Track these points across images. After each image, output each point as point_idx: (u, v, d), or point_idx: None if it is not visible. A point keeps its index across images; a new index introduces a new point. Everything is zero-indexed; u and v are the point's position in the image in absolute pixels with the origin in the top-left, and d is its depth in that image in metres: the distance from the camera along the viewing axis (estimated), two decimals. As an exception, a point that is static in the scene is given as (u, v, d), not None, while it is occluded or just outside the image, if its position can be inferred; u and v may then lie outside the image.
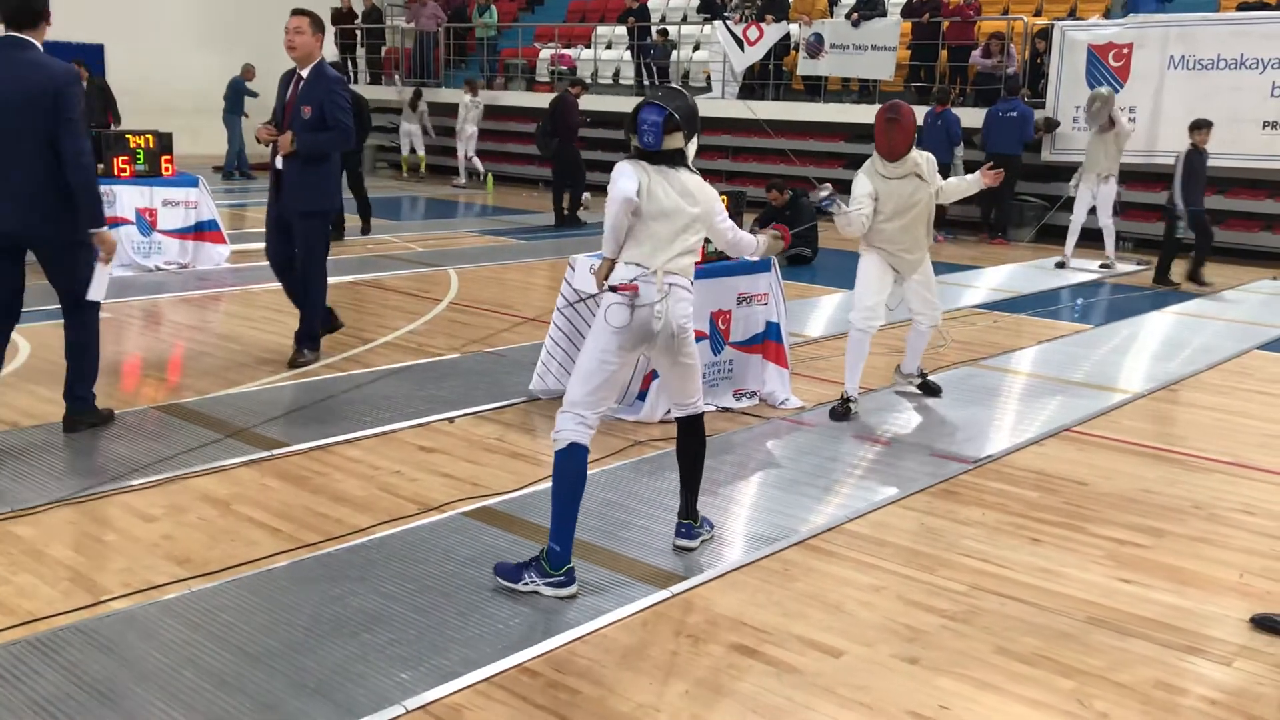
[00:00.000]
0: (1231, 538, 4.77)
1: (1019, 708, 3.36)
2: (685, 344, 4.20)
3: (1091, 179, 12.30)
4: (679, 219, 4.12)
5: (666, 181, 4.11)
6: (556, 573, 3.93)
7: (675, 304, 4.09)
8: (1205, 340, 8.85)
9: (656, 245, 4.10)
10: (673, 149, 4.11)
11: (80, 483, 4.86)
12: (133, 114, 18.37)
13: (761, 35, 17.07)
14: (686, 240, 4.16)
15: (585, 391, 4.03)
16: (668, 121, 4.04)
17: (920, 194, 6.21)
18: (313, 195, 6.82)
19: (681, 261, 4.15)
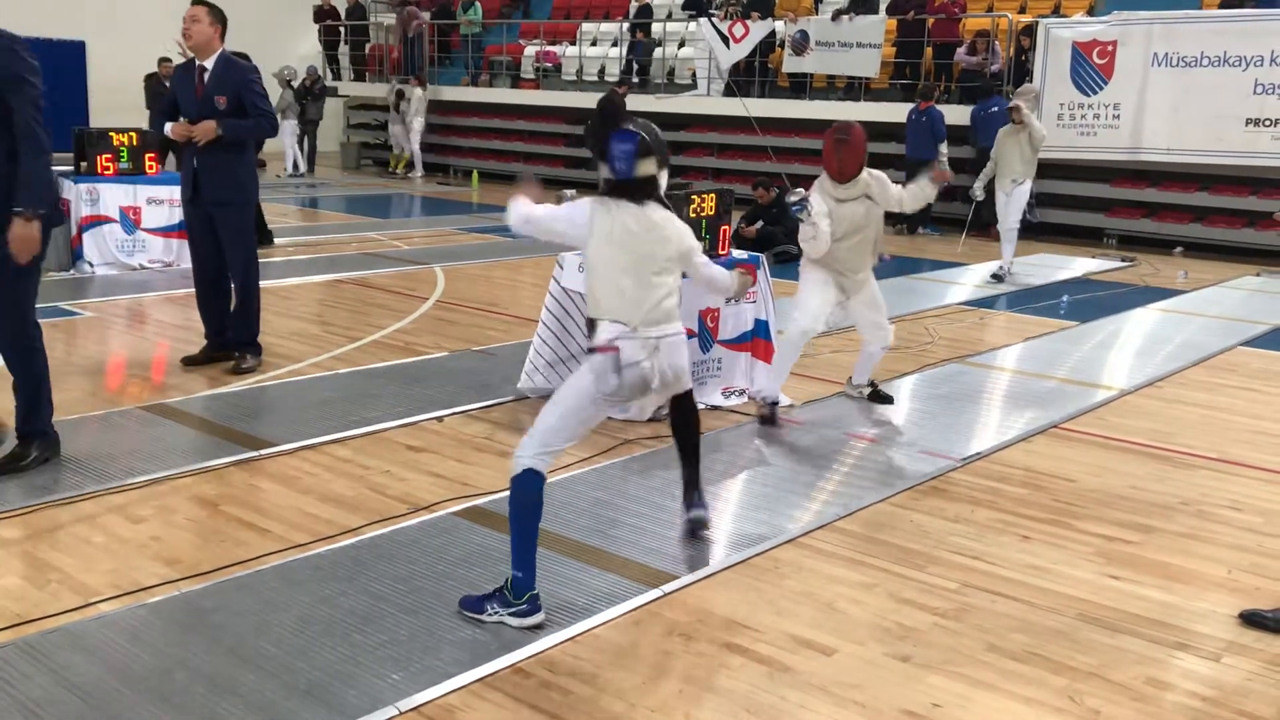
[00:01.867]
0: (1219, 534, 4.79)
1: (1011, 705, 3.37)
2: (684, 384, 4.21)
3: (1006, 183, 11.20)
4: (650, 264, 3.91)
5: (633, 221, 3.89)
6: (519, 601, 3.71)
7: (670, 354, 3.97)
8: (1190, 336, 8.89)
9: (633, 299, 3.87)
10: (644, 176, 3.91)
11: (67, 483, 4.83)
12: (115, 111, 18.22)
13: (747, 32, 17.07)
14: (664, 283, 3.95)
15: (557, 426, 3.82)
16: (640, 146, 3.88)
17: (871, 216, 6.06)
18: (234, 184, 6.67)
19: (664, 308, 3.93)
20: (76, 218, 9.79)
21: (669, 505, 4.87)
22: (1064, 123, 14.58)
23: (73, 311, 8.40)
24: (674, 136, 18.15)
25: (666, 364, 3.95)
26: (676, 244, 4.02)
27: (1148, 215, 14.59)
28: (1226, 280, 11.95)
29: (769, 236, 11.79)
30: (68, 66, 22.03)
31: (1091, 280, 11.84)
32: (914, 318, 9.28)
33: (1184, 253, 14.01)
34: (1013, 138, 11.07)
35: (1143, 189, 14.70)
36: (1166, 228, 14.39)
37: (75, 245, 9.82)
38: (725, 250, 6.53)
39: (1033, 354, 8.14)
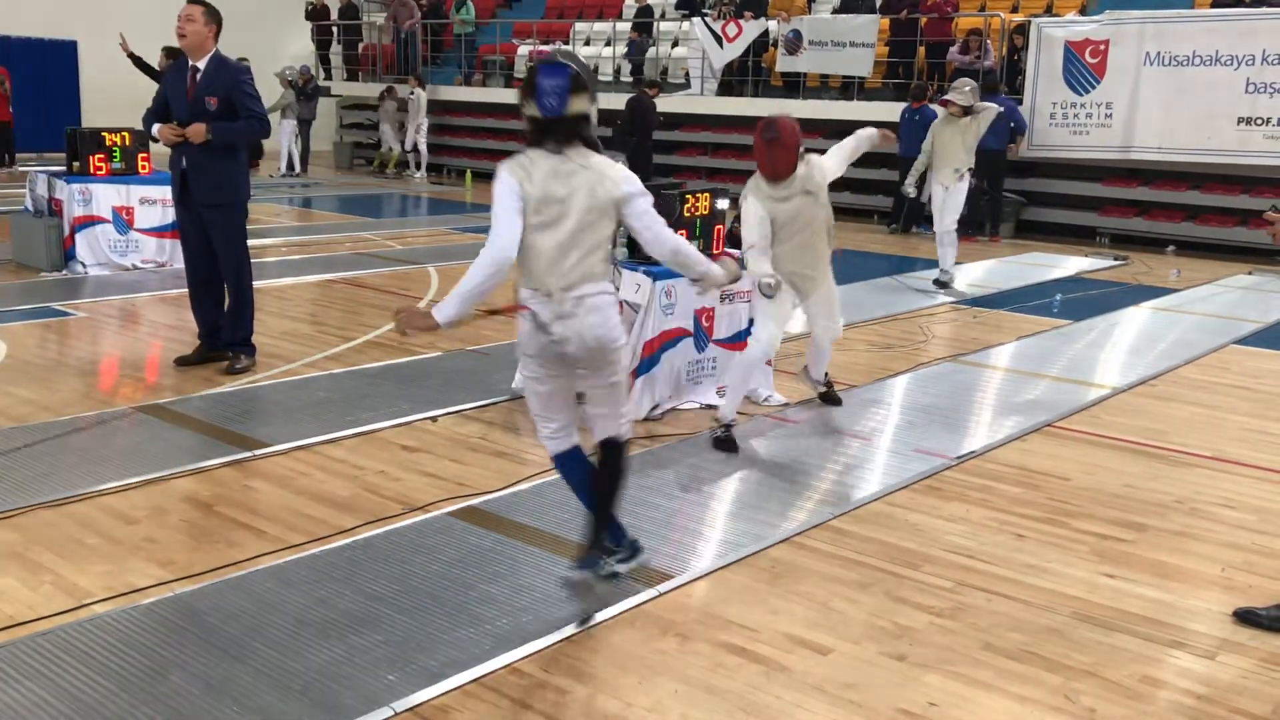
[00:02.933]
0: (1213, 532, 4.80)
1: (1007, 704, 3.37)
2: (611, 361, 3.73)
3: (945, 175, 10.48)
4: (571, 216, 3.57)
5: (554, 169, 3.58)
6: (620, 548, 3.99)
7: (587, 316, 3.60)
8: (1182, 335, 8.91)
9: (549, 261, 3.58)
10: (577, 115, 3.57)
11: (61, 485, 4.81)
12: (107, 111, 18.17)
13: (740, 32, 17.09)
14: (590, 241, 3.61)
15: (537, 409, 3.90)
16: (573, 81, 3.54)
17: (813, 210, 5.75)
18: (225, 186, 6.63)
19: (585, 267, 3.60)
20: (69, 218, 9.77)
21: (664, 505, 4.87)
22: (1056, 122, 14.61)
23: (65, 312, 8.38)
24: (668, 136, 18.15)
25: (585, 328, 3.61)
26: (609, 190, 3.62)
27: (1140, 214, 14.63)
28: (1219, 279, 11.98)
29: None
30: (59, 66, 22.02)
31: (1084, 279, 11.87)
32: (908, 317, 9.29)
33: (1176, 251, 14.04)
34: (951, 127, 10.42)
35: (1135, 188, 14.73)
36: (1159, 226, 14.43)
37: (68, 246, 9.79)
38: (719, 250, 6.52)
39: (1026, 353, 8.15)
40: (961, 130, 10.34)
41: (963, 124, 10.33)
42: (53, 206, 10.00)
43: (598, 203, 3.60)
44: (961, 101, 10.29)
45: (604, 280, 3.69)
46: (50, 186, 10.08)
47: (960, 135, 10.34)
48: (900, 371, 7.38)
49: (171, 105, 6.65)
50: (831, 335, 6.24)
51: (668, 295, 6.05)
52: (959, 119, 10.32)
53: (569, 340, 3.61)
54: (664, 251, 3.79)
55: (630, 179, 3.68)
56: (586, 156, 3.63)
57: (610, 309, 3.69)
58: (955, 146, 10.38)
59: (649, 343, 6.00)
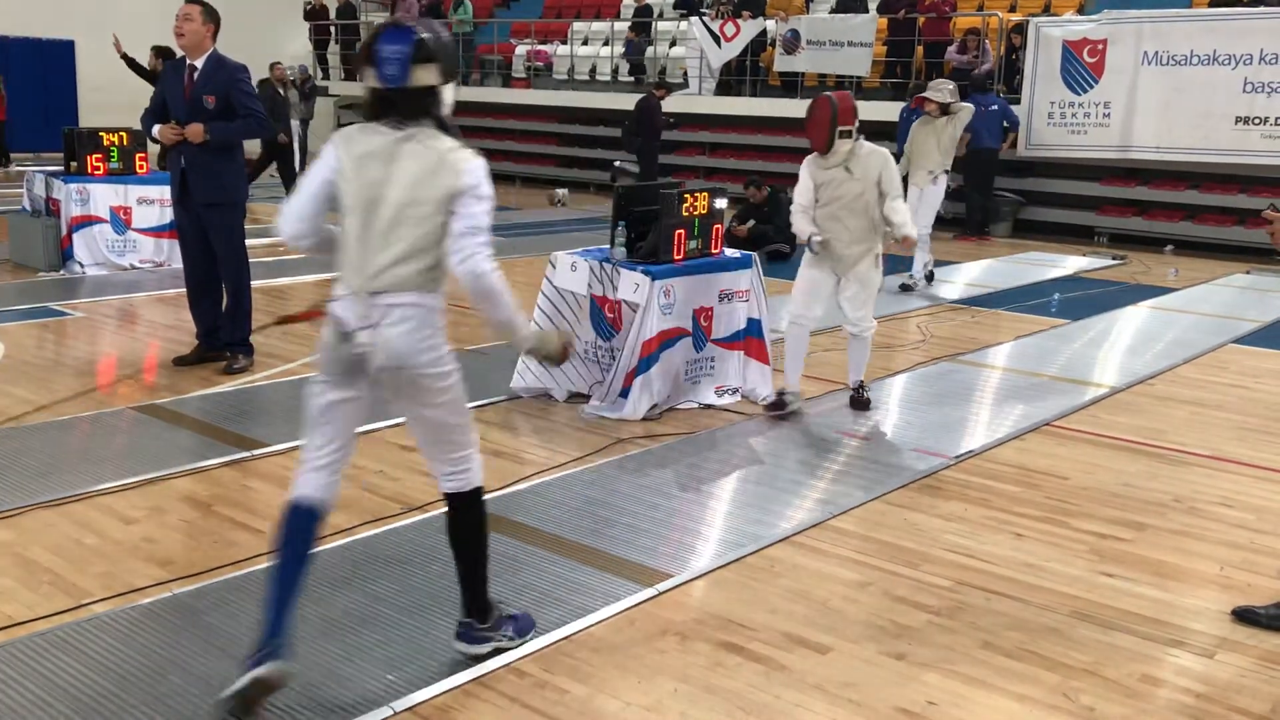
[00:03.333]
0: (1211, 531, 4.81)
1: (1006, 703, 3.38)
2: (424, 388, 3.14)
3: (921, 176, 10.20)
4: (387, 210, 3.06)
5: (382, 148, 3.09)
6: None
7: (392, 330, 3.05)
8: (1181, 334, 8.92)
9: (356, 254, 3.10)
10: (420, 87, 3.08)
11: (59, 485, 4.81)
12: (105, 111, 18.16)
13: (738, 31, 17.08)
14: (408, 239, 3.05)
15: (306, 435, 3.24)
16: (417, 47, 3.05)
17: (847, 188, 6.01)
18: (223, 185, 6.63)
19: (399, 273, 3.05)
20: (66, 218, 9.75)
21: (662, 504, 4.87)
22: (1054, 121, 14.61)
23: (63, 312, 8.37)
24: (666, 135, 18.14)
25: (387, 340, 3.06)
26: (447, 180, 3.06)
27: (1138, 213, 14.64)
28: (1217, 278, 11.99)
29: (761, 235, 11.79)
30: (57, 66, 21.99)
31: (1082, 278, 11.87)
32: (906, 316, 9.30)
33: (1174, 250, 14.05)
34: (928, 128, 10.24)
35: (1133, 187, 14.74)
36: (1157, 226, 14.43)
37: (65, 245, 9.77)
38: (718, 249, 6.53)
39: (1024, 352, 8.15)
40: (937, 131, 10.18)
41: (939, 124, 10.18)
42: (50, 206, 9.99)
43: (427, 194, 3.06)
44: (939, 100, 10.11)
45: (428, 293, 3.11)
46: (48, 186, 10.07)
47: (936, 136, 10.17)
48: (899, 371, 7.38)
49: (169, 105, 6.64)
50: (857, 328, 6.31)
51: (666, 295, 6.05)
52: (936, 119, 10.17)
53: (373, 352, 3.07)
54: (465, 273, 3.05)
55: (476, 171, 3.10)
56: (432, 139, 3.11)
57: (425, 326, 3.09)
58: (930, 147, 10.19)
59: (647, 342, 6.00)
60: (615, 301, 6.17)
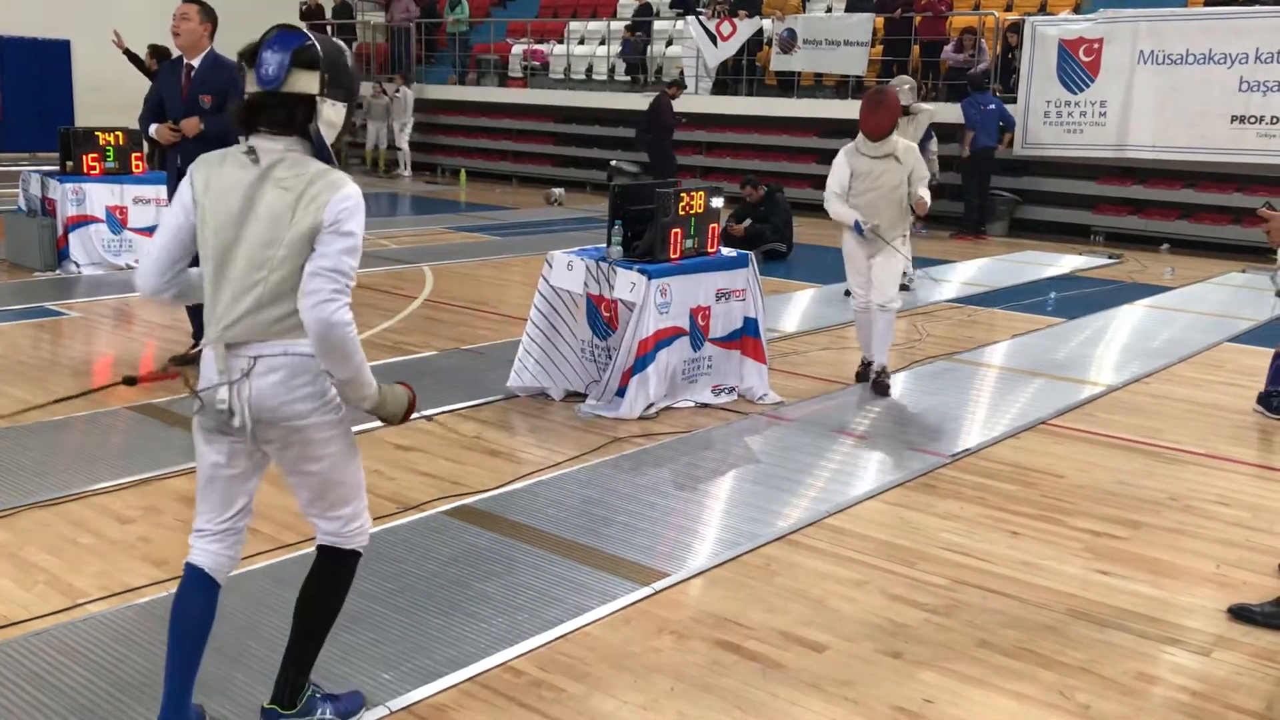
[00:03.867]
0: (1207, 529, 4.81)
1: (1002, 701, 3.38)
2: (302, 442, 2.78)
3: None
4: (245, 250, 2.70)
5: (245, 178, 2.73)
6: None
7: (258, 381, 2.71)
8: (1176, 333, 8.93)
9: (212, 301, 2.75)
10: (297, 94, 2.71)
11: (55, 484, 4.80)
12: (101, 111, 18.16)
13: (734, 31, 17.08)
14: (268, 281, 2.67)
15: (197, 493, 2.94)
16: (299, 53, 2.69)
17: (889, 176, 6.49)
18: None
19: (258, 321, 2.69)
20: (62, 217, 9.74)
21: (659, 503, 4.87)
22: (1051, 120, 14.62)
23: (59, 312, 8.36)
24: (662, 134, 18.15)
25: (257, 394, 2.71)
26: (313, 217, 2.65)
27: (1134, 212, 14.64)
28: (1213, 276, 12.00)
29: (757, 234, 11.79)
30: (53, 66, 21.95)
31: (1079, 277, 11.88)
32: (902, 315, 9.28)
33: (1170, 249, 14.05)
34: None
35: (1129, 186, 14.75)
36: (1153, 224, 14.44)
37: (61, 245, 9.77)
38: (714, 248, 6.53)
39: (1020, 351, 8.16)
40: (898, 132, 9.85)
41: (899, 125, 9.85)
42: (46, 206, 9.98)
43: (286, 233, 2.67)
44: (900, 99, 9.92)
45: (298, 339, 2.71)
46: (43, 186, 10.06)
47: None
48: (895, 370, 7.38)
49: (166, 104, 6.63)
50: (880, 301, 6.65)
51: (663, 294, 6.05)
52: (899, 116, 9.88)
53: (234, 413, 2.73)
54: (313, 320, 2.62)
55: (341, 202, 2.68)
56: (299, 166, 2.72)
57: (298, 374, 2.73)
58: None
59: (644, 341, 6.00)
60: (612, 300, 6.17)
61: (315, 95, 2.73)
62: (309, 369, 2.74)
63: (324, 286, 2.63)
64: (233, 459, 2.84)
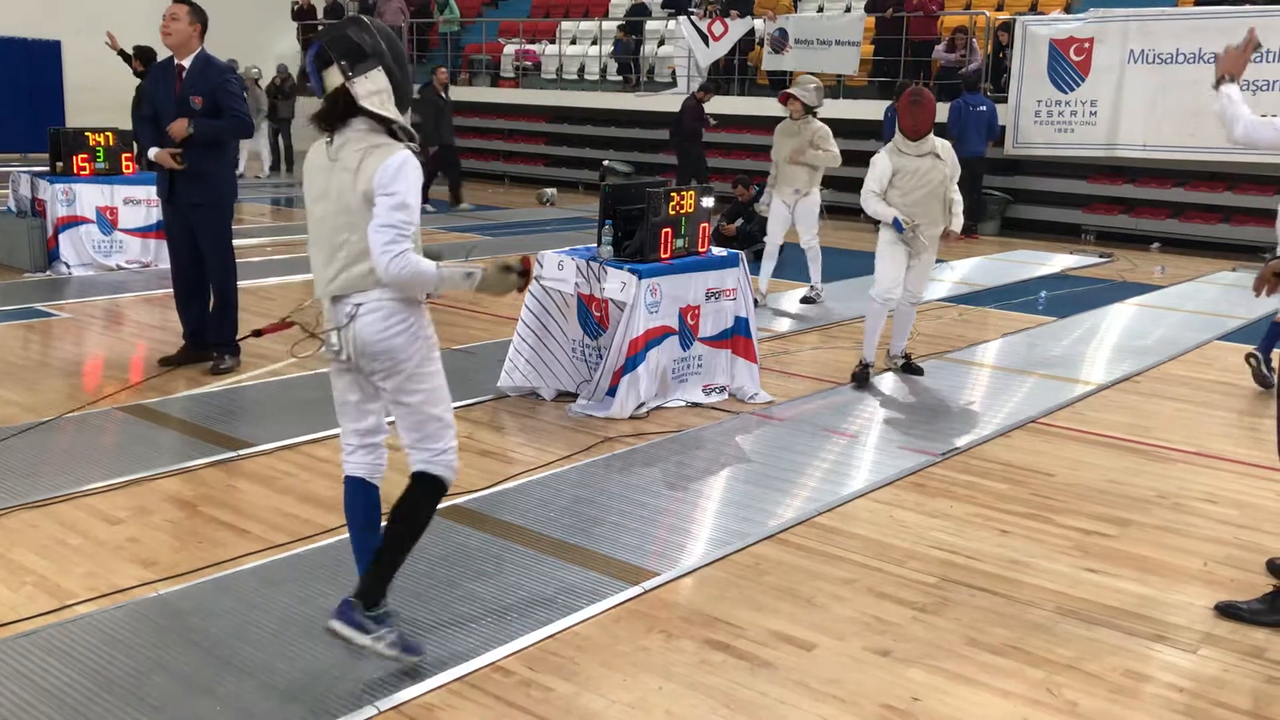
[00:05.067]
0: (1196, 526, 4.83)
1: (990, 698, 3.39)
2: (392, 373, 3.29)
3: (787, 193, 9.04)
4: (330, 217, 3.22)
5: (320, 158, 3.24)
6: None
7: (360, 323, 3.22)
8: (1167, 332, 8.95)
9: (317, 263, 3.30)
10: (334, 91, 3.14)
11: (43, 485, 4.79)
12: (92, 111, 18.11)
13: (726, 30, 17.09)
14: (351, 243, 3.19)
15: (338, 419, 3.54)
16: (318, 55, 3.14)
17: (935, 173, 6.66)
18: (210, 186, 6.61)
19: (354, 274, 3.20)
20: (53, 218, 9.72)
21: (649, 503, 4.88)
22: (1041, 120, 14.66)
23: (49, 313, 8.34)
24: (654, 134, 18.16)
25: (358, 335, 3.24)
26: (366, 183, 3.12)
27: (1125, 211, 14.69)
28: (1203, 275, 12.04)
29: (748, 234, 11.80)
30: (44, 66, 21.91)
31: (1070, 276, 11.90)
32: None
33: (1161, 248, 14.10)
34: (792, 137, 8.91)
35: (1120, 185, 14.80)
36: (1144, 223, 14.48)
37: (51, 246, 9.74)
38: (705, 248, 6.53)
39: (1011, 349, 8.17)
40: (799, 135, 8.87)
41: (801, 130, 8.87)
42: (36, 207, 9.95)
43: (353, 199, 3.16)
44: (806, 100, 8.90)
45: (386, 290, 3.21)
46: (33, 187, 10.03)
47: (800, 144, 8.85)
48: (885, 369, 7.39)
49: (157, 105, 6.60)
50: (913, 298, 7.02)
51: (653, 293, 6.06)
52: (798, 120, 8.92)
53: (343, 351, 3.27)
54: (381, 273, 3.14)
55: (386, 170, 3.11)
56: (359, 143, 3.16)
57: (392, 316, 3.22)
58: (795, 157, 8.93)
59: (634, 340, 6.00)
60: (602, 300, 6.17)
61: (343, 83, 3.11)
62: (401, 312, 3.23)
63: (379, 240, 3.10)
64: (352, 387, 3.43)
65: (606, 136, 18.76)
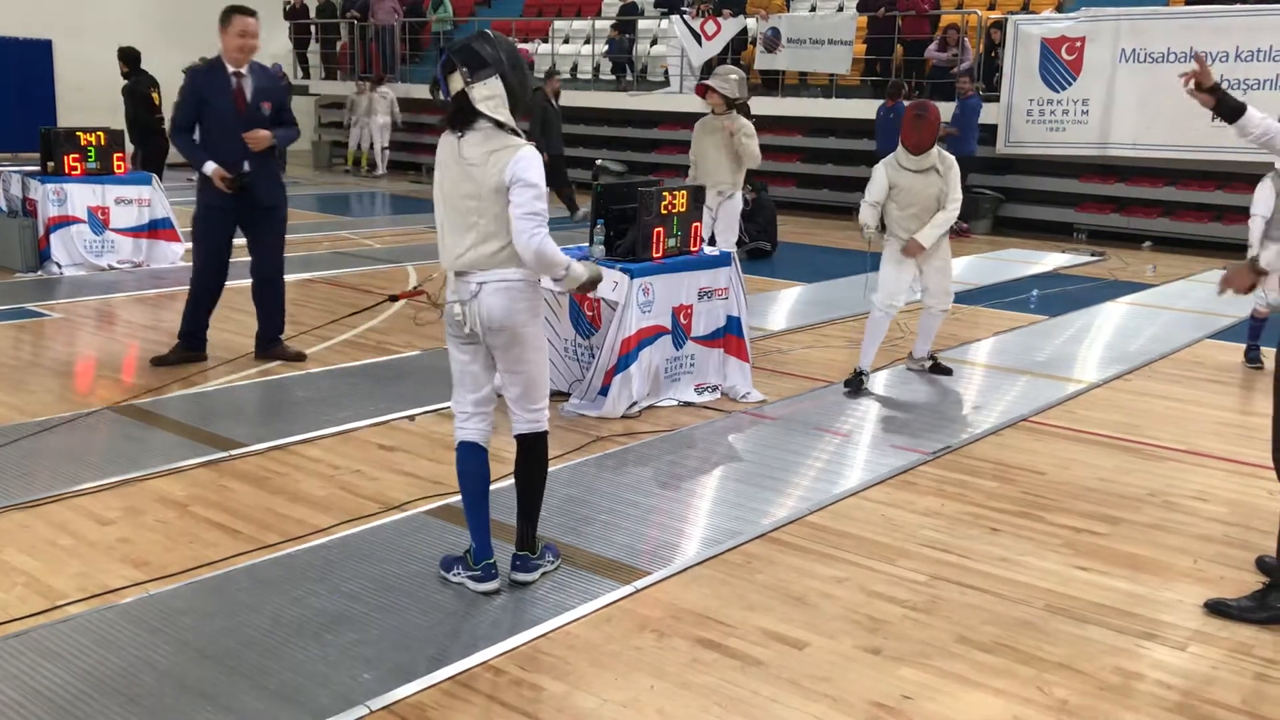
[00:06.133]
0: (1185, 524, 4.85)
1: (981, 696, 3.40)
2: (512, 344, 3.80)
3: (710, 195, 7.92)
4: (459, 203, 3.70)
5: (450, 153, 3.72)
6: (475, 567, 3.93)
7: (488, 298, 3.71)
8: (1158, 330, 8.98)
9: (445, 241, 3.78)
10: (456, 94, 3.64)
11: (34, 486, 4.78)
12: (83, 111, 18.08)
13: (719, 30, 17.08)
14: (479, 226, 3.68)
15: (453, 388, 4.00)
16: (445, 65, 3.66)
17: (933, 188, 6.64)
18: (282, 186, 7.01)
19: (480, 254, 3.69)
20: (44, 218, 9.69)
21: (641, 502, 4.88)
22: (1033, 119, 14.69)
23: (40, 313, 8.32)
24: (647, 134, 18.16)
25: (484, 310, 3.72)
26: (497, 176, 3.62)
27: (1117, 210, 14.72)
28: (1194, 274, 12.06)
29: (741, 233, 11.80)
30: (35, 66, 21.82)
31: (1061, 275, 11.93)
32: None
33: (1152, 247, 14.14)
34: (714, 133, 8.10)
35: (1111, 184, 14.83)
36: (1135, 222, 14.52)
37: (43, 246, 9.72)
38: (697, 247, 6.54)
39: (1003, 348, 8.19)
40: (721, 130, 8.04)
41: (723, 124, 8.04)
42: (27, 207, 9.92)
43: (483, 189, 3.65)
44: (727, 92, 8.00)
45: (508, 268, 3.72)
46: (24, 186, 10.00)
47: (725, 146, 8.03)
48: (879, 368, 7.40)
49: (212, 113, 6.55)
50: (941, 306, 7.02)
51: (645, 292, 6.06)
52: (720, 115, 8.07)
53: (467, 322, 3.75)
54: (522, 250, 3.66)
55: (521, 162, 3.61)
56: (486, 138, 3.65)
57: (512, 292, 3.73)
58: (719, 160, 8.10)
59: (626, 340, 6.00)
60: (594, 299, 6.17)
61: (464, 90, 3.61)
62: (521, 289, 3.74)
63: (526, 226, 3.61)
64: (473, 358, 3.88)
65: (599, 135, 18.75)
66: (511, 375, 3.88)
